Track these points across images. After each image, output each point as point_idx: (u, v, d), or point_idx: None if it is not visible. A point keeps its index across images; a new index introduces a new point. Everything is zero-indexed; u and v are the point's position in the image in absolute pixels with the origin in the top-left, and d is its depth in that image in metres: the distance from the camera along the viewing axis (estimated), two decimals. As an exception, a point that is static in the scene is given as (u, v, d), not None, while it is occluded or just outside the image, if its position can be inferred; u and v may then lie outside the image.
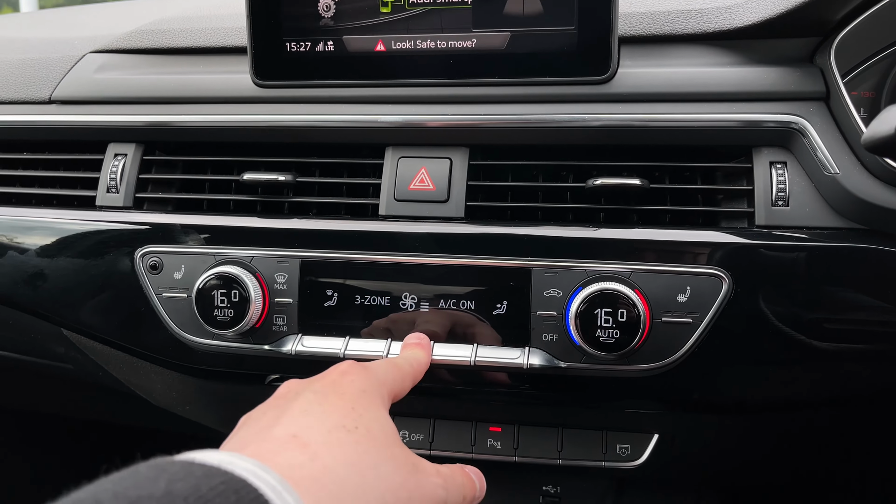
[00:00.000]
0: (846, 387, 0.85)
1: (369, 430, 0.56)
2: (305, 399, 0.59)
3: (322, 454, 0.51)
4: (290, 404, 0.58)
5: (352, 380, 0.63)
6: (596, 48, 0.82)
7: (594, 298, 0.79)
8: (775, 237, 0.80)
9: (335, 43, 0.87)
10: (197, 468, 0.41)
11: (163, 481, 0.40)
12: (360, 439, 0.55)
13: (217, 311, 0.87)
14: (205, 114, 0.96)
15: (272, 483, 0.43)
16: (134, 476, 0.41)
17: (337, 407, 0.58)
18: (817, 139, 0.80)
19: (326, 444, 0.52)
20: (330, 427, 0.55)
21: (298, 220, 0.91)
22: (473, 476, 0.68)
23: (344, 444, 0.53)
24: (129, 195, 0.97)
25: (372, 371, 0.66)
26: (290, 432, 0.53)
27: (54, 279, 0.99)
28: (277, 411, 0.58)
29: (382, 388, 0.65)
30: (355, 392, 0.61)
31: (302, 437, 0.53)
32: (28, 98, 1.05)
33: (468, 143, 0.90)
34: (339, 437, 0.54)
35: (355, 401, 0.60)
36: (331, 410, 0.57)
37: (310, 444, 0.52)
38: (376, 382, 0.65)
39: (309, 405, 0.58)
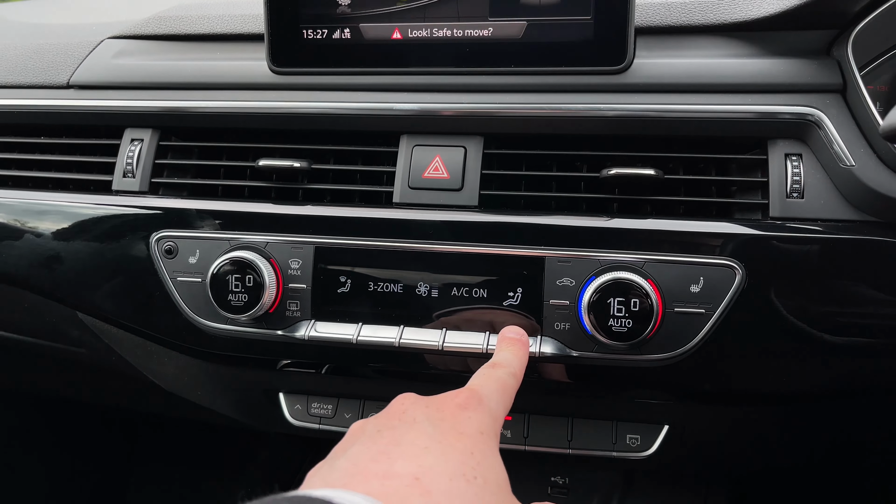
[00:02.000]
0: (858, 380, 0.85)
1: (487, 480, 0.55)
2: (425, 432, 0.58)
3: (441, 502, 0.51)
4: (410, 433, 0.57)
5: (469, 416, 0.61)
6: (612, 38, 0.82)
7: (607, 288, 0.79)
8: (789, 229, 0.80)
9: (352, 30, 0.88)
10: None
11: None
12: (479, 492, 0.54)
13: (231, 296, 0.88)
14: (221, 100, 0.97)
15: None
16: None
17: (457, 450, 0.56)
18: (833, 131, 0.80)
19: (448, 495, 0.51)
20: (451, 474, 0.53)
21: (313, 206, 0.92)
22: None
23: (464, 496, 0.52)
24: (145, 180, 0.98)
25: (487, 406, 0.64)
26: (412, 473, 0.52)
27: (70, 262, 0.99)
28: (395, 435, 0.57)
29: (497, 426, 0.64)
30: (475, 433, 0.59)
31: (424, 482, 0.52)
32: (46, 83, 1.06)
33: (483, 131, 0.90)
34: (459, 486, 0.53)
35: (475, 445, 0.58)
36: (451, 453, 0.56)
37: (432, 493, 0.51)
38: (492, 420, 0.63)
39: (430, 441, 0.56)
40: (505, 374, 0.71)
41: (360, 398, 1.04)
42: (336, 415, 1.04)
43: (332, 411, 1.04)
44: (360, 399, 1.04)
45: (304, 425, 1.06)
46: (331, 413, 1.04)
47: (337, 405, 1.04)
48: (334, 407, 1.04)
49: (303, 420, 1.06)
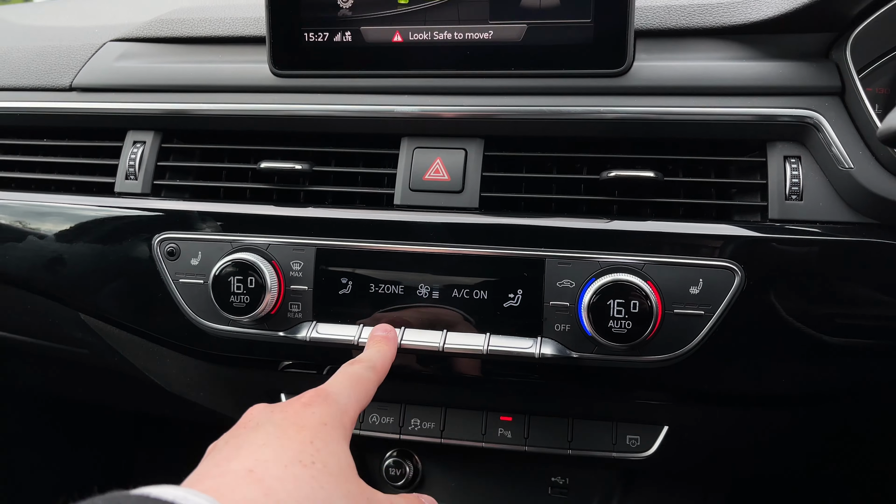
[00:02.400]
0: (857, 381, 0.85)
1: (326, 464, 0.57)
2: (265, 431, 0.59)
3: (276, 489, 0.51)
4: (251, 435, 0.59)
5: (313, 412, 0.62)
6: (612, 41, 0.83)
7: (607, 289, 0.80)
8: (788, 231, 0.81)
9: (353, 33, 0.88)
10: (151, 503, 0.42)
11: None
12: (317, 474, 0.55)
13: (233, 298, 0.88)
14: (223, 102, 0.97)
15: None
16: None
17: (295, 441, 0.58)
18: (832, 134, 0.80)
19: (281, 480, 0.52)
20: (287, 462, 0.55)
21: (314, 208, 0.92)
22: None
23: (299, 480, 0.53)
24: (148, 182, 0.98)
25: (334, 399, 0.65)
26: (246, 467, 0.53)
27: (73, 264, 1.00)
28: (238, 441, 0.59)
29: (344, 418, 0.65)
30: (316, 424, 0.61)
31: (258, 472, 0.53)
32: (49, 85, 1.06)
33: (483, 134, 0.90)
34: (294, 472, 0.54)
35: (315, 434, 0.59)
36: (289, 444, 0.57)
37: (265, 480, 0.52)
38: (338, 412, 0.64)
39: (268, 438, 0.58)
40: (362, 368, 0.73)
41: (361, 399, 1.04)
42: (337, 415, 1.04)
43: (334, 412, 1.04)
44: (362, 400, 1.04)
45: (305, 426, 1.06)
46: (332, 414, 1.04)
47: (338, 406, 1.04)
48: (336, 408, 1.04)
49: (304, 421, 1.06)
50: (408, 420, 1.02)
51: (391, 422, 1.03)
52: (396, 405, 1.03)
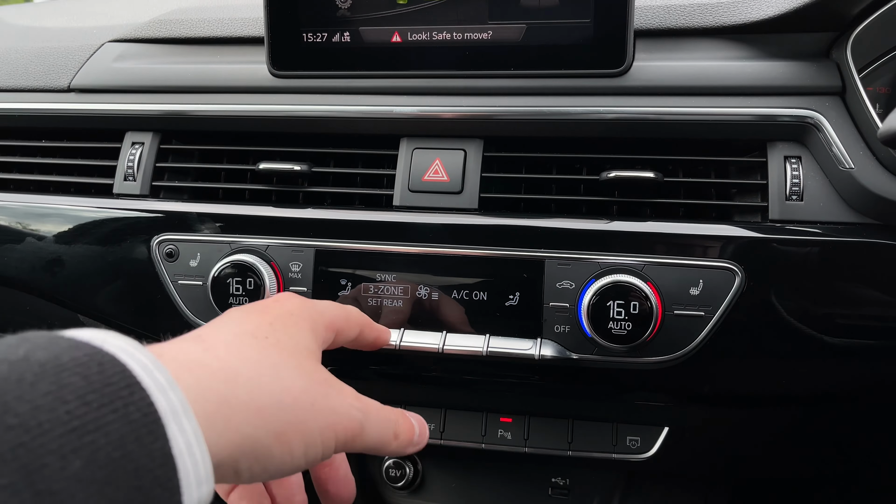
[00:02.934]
0: (858, 382, 0.85)
1: (279, 341, 0.53)
2: (229, 314, 0.56)
3: (218, 348, 0.48)
4: (216, 323, 0.55)
5: (282, 303, 0.59)
6: (611, 41, 0.82)
7: (607, 290, 0.79)
8: (789, 231, 0.81)
9: (352, 34, 0.88)
10: (63, 340, 0.39)
11: (23, 349, 0.37)
12: (267, 346, 0.51)
13: (232, 299, 0.88)
14: (221, 103, 0.97)
15: (143, 361, 0.40)
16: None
17: (254, 321, 0.54)
18: (832, 134, 0.80)
19: (226, 343, 0.49)
20: (238, 332, 0.51)
21: (313, 209, 0.92)
22: (414, 421, 0.63)
23: (245, 346, 0.50)
24: (146, 183, 0.98)
25: (310, 301, 0.61)
26: (195, 334, 0.50)
27: (71, 266, 1.00)
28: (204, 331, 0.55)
29: (319, 317, 0.60)
30: (281, 312, 0.57)
31: (203, 335, 0.50)
32: (47, 86, 1.06)
33: (482, 134, 0.90)
34: (243, 340, 0.51)
35: (276, 318, 0.55)
36: (247, 322, 0.54)
37: (208, 340, 0.49)
38: (310, 310, 0.60)
39: (228, 318, 0.55)
40: (352, 308, 0.68)
41: (360, 400, 1.04)
42: (337, 417, 1.04)
43: (333, 413, 1.04)
44: (361, 401, 1.04)
45: (305, 427, 1.06)
46: (332, 415, 1.04)
47: (338, 407, 1.04)
48: (335, 409, 1.04)
49: (304, 422, 1.06)
50: (407, 421, 1.02)
51: (391, 423, 1.02)
52: (396, 407, 1.02)
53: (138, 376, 0.38)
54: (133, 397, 0.37)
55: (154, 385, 0.39)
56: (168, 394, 0.39)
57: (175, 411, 0.39)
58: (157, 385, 0.39)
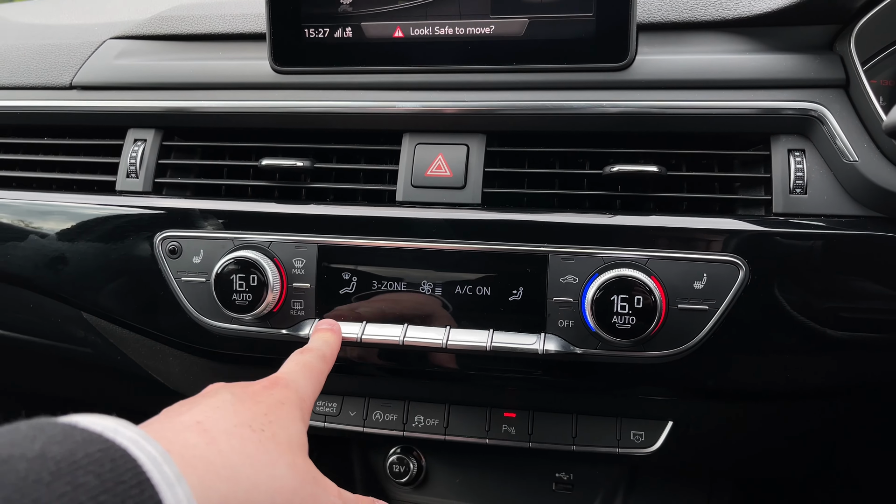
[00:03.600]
0: (862, 375, 0.85)
1: (275, 435, 0.57)
2: (221, 398, 0.59)
3: (220, 442, 0.51)
4: (206, 399, 0.59)
5: (272, 393, 0.63)
6: (614, 35, 0.82)
7: (610, 285, 0.79)
8: (793, 225, 0.80)
9: (353, 29, 0.88)
10: (77, 433, 0.40)
11: (39, 442, 0.38)
12: (264, 440, 0.55)
13: (235, 296, 0.88)
14: (223, 100, 0.97)
15: (153, 454, 0.41)
16: (12, 433, 0.39)
17: (250, 410, 0.58)
18: (836, 127, 0.80)
19: (227, 435, 0.52)
20: (237, 423, 0.55)
21: (316, 205, 0.92)
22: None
23: (245, 440, 0.53)
24: (149, 180, 0.98)
25: (293, 387, 0.66)
26: (195, 419, 0.53)
27: (75, 263, 1.00)
28: (192, 402, 0.58)
29: (303, 404, 0.66)
30: (273, 402, 0.61)
31: (205, 424, 0.53)
32: (49, 84, 1.06)
33: (485, 129, 0.90)
34: (242, 432, 0.54)
35: (269, 408, 0.60)
36: (242, 410, 0.57)
37: (210, 431, 0.52)
38: (297, 398, 0.65)
39: (223, 403, 0.58)
40: (313, 357, 0.74)
41: (364, 396, 1.04)
42: (341, 413, 1.04)
43: (337, 409, 1.04)
44: (365, 397, 1.04)
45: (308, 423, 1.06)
46: (335, 411, 1.04)
47: (342, 403, 1.04)
48: (339, 405, 1.04)
49: (308, 418, 1.06)
50: (411, 417, 1.02)
51: (395, 419, 1.02)
52: (400, 402, 1.02)
53: (149, 472, 0.40)
54: (143, 496, 0.39)
55: (163, 480, 0.40)
56: (176, 489, 0.41)
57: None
58: (166, 480, 0.40)
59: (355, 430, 1.04)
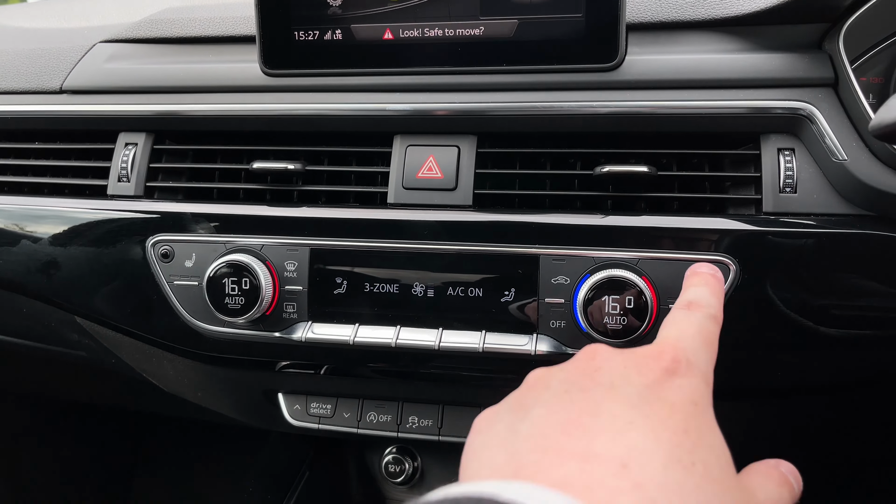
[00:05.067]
0: (854, 373, 0.85)
1: (707, 466, 0.45)
2: (627, 401, 0.47)
3: (650, 489, 0.41)
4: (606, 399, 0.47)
5: (680, 384, 0.50)
6: (603, 35, 0.82)
7: (602, 285, 0.80)
8: (783, 224, 0.81)
9: (343, 31, 0.88)
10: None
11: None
12: (700, 482, 0.43)
13: (228, 299, 0.88)
14: (214, 103, 0.97)
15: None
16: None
17: (669, 428, 0.46)
18: (825, 125, 0.80)
19: (663, 489, 0.41)
20: (665, 460, 0.43)
21: (308, 208, 0.92)
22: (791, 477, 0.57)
23: (683, 489, 0.42)
24: (140, 184, 0.98)
25: (697, 367, 0.52)
26: (618, 457, 0.42)
27: (67, 267, 1.00)
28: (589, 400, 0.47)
29: (710, 391, 0.52)
30: (686, 403, 0.48)
31: (633, 470, 0.42)
32: (39, 88, 1.06)
33: (476, 130, 0.90)
34: (676, 477, 0.42)
35: (688, 420, 0.47)
36: (662, 431, 0.45)
37: (645, 486, 0.41)
38: (705, 386, 0.52)
39: (632, 412, 0.46)
40: (704, 317, 0.60)
41: (358, 398, 1.04)
42: (335, 414, 1.05)
43: (331, 411, 1.05)
44: (359, 399, 1.04)
45: (303, 425, 1.06)
46: (330, 413, 1.05)
47: (336, 405, 1.05)
48: (333, 407, 1.05)
49: (302, 420, 1.06)
50: (405, 418, 1.02)
51: (389, 420, 1.03)
52: (394, 403, 1.03)
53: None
54: None
55: None
56: None
57: None
58: None
59: (349, 432, 1.04)
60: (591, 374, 0.51)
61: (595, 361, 0.53)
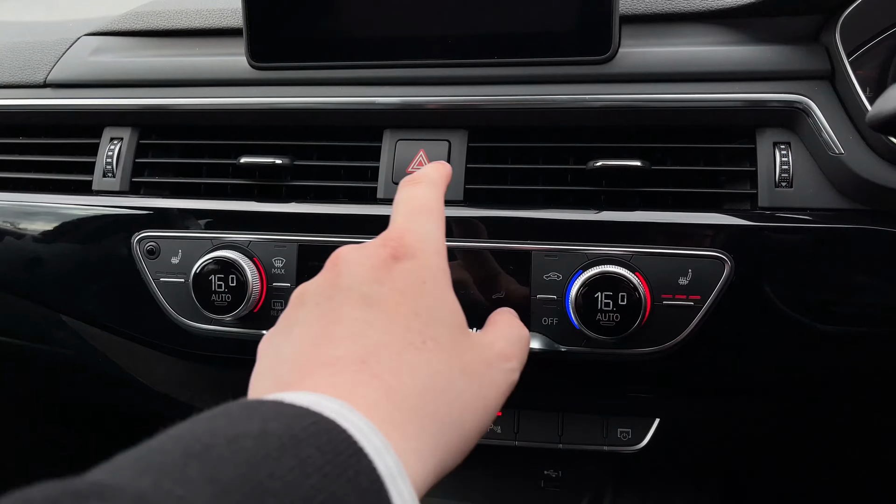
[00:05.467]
0: (850, 370, 0.85)
1: (438, 340, 0.50)
2: (363, 301, 0.51)
3: (396, 387, 0.46)
4: (345, 303, 0.51)
5: (408, 269, 0.53)
6: (596, 27, 0.80)
7: (594, 282, 0.78)
8: (778, 219, 0.79)
9: (332, 24, 0.86)
10: (287, 409, 0.40)
11: (257, 421, 0.39)
12: (432, 357, 0.49)
13: (215, 296, 0.86)
14: (201, 97, 0.95)
15: (359, 424, 0.41)
16: (227, 415, 0.40)
17: (400, 313, 0.50)
18: (822, 119, 0.79)
19: (397, 373, 0.47)
20: (399, 348, 0.48)
21: (296, 204, 0.90)
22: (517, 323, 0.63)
23: (415, 368, 0.48)
24: (126, 180, 0.96)
25: (420, 245, 0.55)
26: (357, 356, 0.47)
27: (51, 264, 0.98)
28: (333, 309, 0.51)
29: (439, 261, 0.55)
30: (414, 285, 0.52)
31: (371, 363, 0.47)
32: (23, 82, 1.04)
33: (467, 125, 0.88)
34: (409, 359, 0.48)
35: (418, 300, 0.51)
36: (394, 319, 0.50)
37: (381, 375, 0.47)
38: (436, 257, 0.55)
39: (368, 311, 0.50)
40: (424, 188, 0.62)
41: (348, 396, 1.03)
42: (325, 413, 1.03)
43: (321, 410, 1.03)
44: (349, 397, 1.03)
45: (293, 424, 1.05)
46: (319, 412, 1.03)
47: (326, 404, 1.03)
48: (323, 406, 1.03)
49: (292, 419, 1.05)
50: (396, 417, 1.00)
51: (379, 419, 1.01)
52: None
53: (360, 443, 0.40)
54: (360, 465, 0.39)
55: (373, 450, 0.40)
56: (384, 457, 0.40)
57: (392, 475, 0.40)
58: (375, 449, 0.40)
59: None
60: (335, 282, 0.53)
61: (337, 267, 0.54)
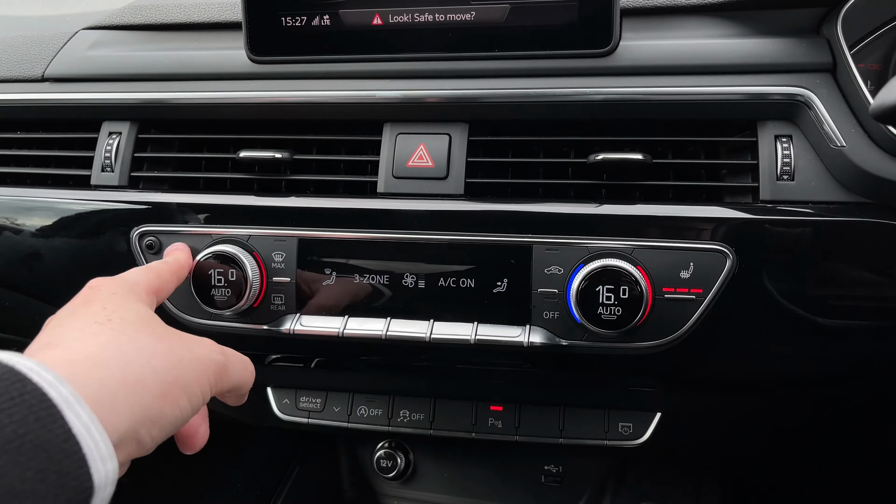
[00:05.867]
0: (851, 363, 0.84)
1: (124, 318, 0.58)
2: (57, 317, 0.60)
3: (75, 347, 0.53)
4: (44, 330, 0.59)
5: (99, 289, 0.64)
6: (597, 20, 0.80)
7: (596, 275, 0.78)
8: (780, 212, 0.79)
9: (331, 17, 0.86)
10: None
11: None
12: (115, 327, 0.57)
13: (214, 291, 0.86)
14: (200, 91, 0.95)
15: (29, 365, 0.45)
16: None
17: (88, 311, 0.59)
18: (823, 112, 0.78)
19: (79, 340, 0.54)
20: (81, 325, 0.56)
21: (296, 198, 0.90)
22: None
23: (97, 335, 0.55)
24: (125, 174, 0.96)
25: (122, 277, 0.68)
26: (42, 343, 0.55)
27: (50, 260, 0.98)
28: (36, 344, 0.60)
29: (137, 287, 0.67)
30: (105, 296, 0.62)
31: (53, 342, 0.54)
32: (21, 76, 1.03)
33: (467, 118, 0.88)
34: (91, 330, 0.56)
35: (105, 301, 0.61)
36: (81, 312, 0.59)
37: (61, 344, 0.54)
38: (127, 284, 0.66)
39: (60, 319, 0.60)
40: (157, 262, 0.78)
41: (349, 391, 1.03)
42: (325, 409, 1.03)
43: (321, 405, 1.03)
44: (349, 392, 1.03)
45: (292, 419, 1.05)
46: (319, 407, 1.03)
47: (326, 399, 1.03)
48: (323, 401, 1.03)
49: (291, 414, 1.05)
50: (397, 412, 1.00)
51: (380, 414, 1.01)
52: (385, 397, 1.01)
53: (28, 374, 0.44)
54: (26, 388, 0.43)
55: (44, 381, 0.44)
56: (58, 388, 0.45)
57: (68, 401, 0.44)
58: (47, 381, 0.44)
59: (340, 426, 1.03)
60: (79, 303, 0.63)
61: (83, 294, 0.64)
